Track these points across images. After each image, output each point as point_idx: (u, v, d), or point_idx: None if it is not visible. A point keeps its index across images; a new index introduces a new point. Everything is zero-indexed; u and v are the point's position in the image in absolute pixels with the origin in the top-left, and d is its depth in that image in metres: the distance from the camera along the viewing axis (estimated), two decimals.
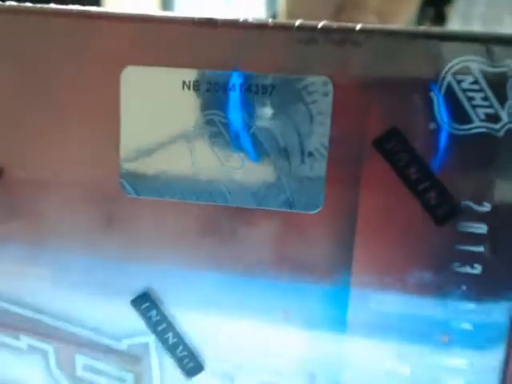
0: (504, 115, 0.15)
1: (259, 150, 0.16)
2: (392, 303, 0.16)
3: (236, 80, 0.16)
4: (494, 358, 0.16)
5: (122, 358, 0.18)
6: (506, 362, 0.16)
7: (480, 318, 0.16)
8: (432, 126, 0.15)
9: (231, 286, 0.17)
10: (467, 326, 0.16)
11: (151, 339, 0.18)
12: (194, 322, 0.17)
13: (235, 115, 0.16)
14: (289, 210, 0.16)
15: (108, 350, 0.18)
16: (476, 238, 0.15)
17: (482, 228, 0.15)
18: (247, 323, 0.17)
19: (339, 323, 0.17)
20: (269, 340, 0.17)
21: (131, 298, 0.18)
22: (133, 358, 0.18)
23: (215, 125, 0.16)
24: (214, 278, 0.17)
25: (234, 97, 0.16)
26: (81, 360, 0.19)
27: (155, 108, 0.16)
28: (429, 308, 0.16)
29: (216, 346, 0.17)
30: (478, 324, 0.16)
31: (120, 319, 0.18)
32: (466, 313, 0.16)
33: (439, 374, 0.16)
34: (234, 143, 0.16)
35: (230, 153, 0.16)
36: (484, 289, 0.15)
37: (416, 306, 0.16)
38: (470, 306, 0.16)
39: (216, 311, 0.17)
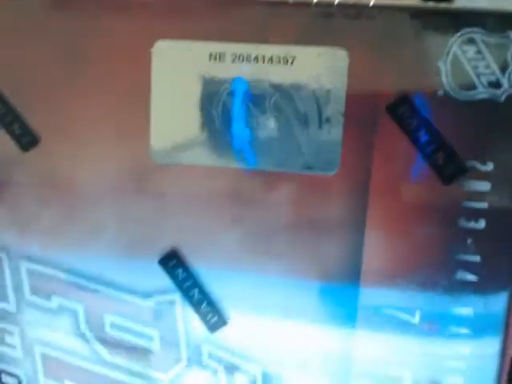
0: (505, 82, 0.16)
1: (280, 117, 0.17)
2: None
3: (259, 51, 0.17)
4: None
5: (149, 315, 0.19)
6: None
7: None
8: (440, 92, 0.16)
9: (253, 245, 0.18)
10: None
11: (177, 297, 0.19)
12: (218, 279, 0.19)
13: (259, 84, 0.17)
14: (307, 173, 0.18)
15: (136, 308, 0.19)
16: (480, 195, 0.17)
17: (485, 186, 0.17)
18: (268, 280, 0.18)
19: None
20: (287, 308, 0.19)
21: (159, 257, 0.19)
22: (159, 316, 0.19)
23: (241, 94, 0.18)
24: (237, 238, 0.18)
25: (258, 68, 0.17)
26: (109, 318, 0.20)
27: (184, 79, 0.18)
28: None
29: (239, 302, 0.19)
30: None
31: (148, 278, 0.19)
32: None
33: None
34: (257, 110, 0.17)
35: (252, 118, 0.18)
36: (488, 243, 0.17)
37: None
38: (476, 258, 0.17)
39: (238, 268, 0.18)
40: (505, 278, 0.17)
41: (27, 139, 0.19)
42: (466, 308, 0.17)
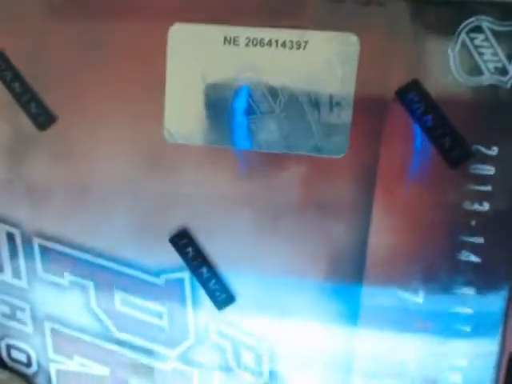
0: (511, 69, 0.17)
1: (291, 100, 0.18)
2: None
3: (272, 36, 0.18)
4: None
5: (159, 292, 0.20)
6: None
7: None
8: (448, 78, 0.17)
9: (262, 225, 0.19)
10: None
11: (186, 275, 0.19)
12: (227, 258, 0.19)
13: (271, 67, 0.18)
14: (317, 155, 0.18)
15: (146, 286, 0.20)
16: (484, 179, 0.17)
17: (490, 170, 0.17)
18: (275, 261, 0.19)
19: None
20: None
21: (170, 236, 0.19)
22: (168, 293, 0.20)
23: (251, 77, 0.18)
24: (247, 218, 0.19)
25: (271, 52, 0.18)
26: (119, 295, 0.20)
27: (199, 62, 0.18)
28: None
29: (246, 280, 0.19)
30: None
31: (159, 256, 0.20)
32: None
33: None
34: (269, 92, 0.18)
35: (264, 102, 0.18)
36: (491, 225, 0.17)
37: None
38: (479, 240, 0.17)
39: (247, 247, 0.19)
40: (508, 259, 0.18)
41: (44, 118, 0.19)
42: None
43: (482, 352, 0.18)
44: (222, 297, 0.19)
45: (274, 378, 0.20)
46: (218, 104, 0.18)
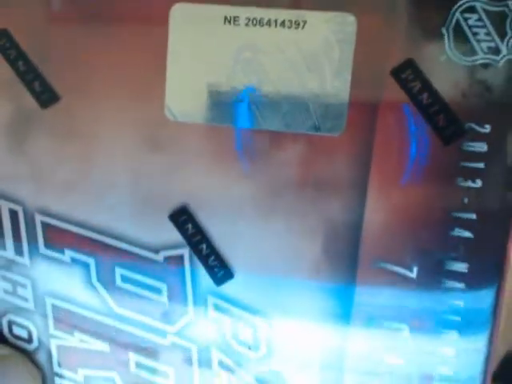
0: (503, 48, 0.17)
1: (290, 80, 0.18)
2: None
3: (271, 15, 0.18)
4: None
5: (159, 269, 0.20)
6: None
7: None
8: (443, 57, 0.17)
9: (260, 201, 0.19)
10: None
11: (186, 251, 0.20)
12: (225, 234, 0.19)
13: (270, 46, 0.18)
14: (315, 134, 0.19)
15: (146, 262, 0.20)
16: (477, 156, 0.18)
17: (482, 147, 0.18)
18: (273, 237, 0.19)
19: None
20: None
21: (170, 213, 0.20)
22: (168, 269, 0.20)
23: (251, 57, 0.18)
24: (245, 195, 0.19)
25: (270, 31, 0.18)
26: (120, 272, 0.21)
27: (199, 41, 0.19)
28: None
29: (245, 255, 0.20)
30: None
31: (159, 233, 0.20)
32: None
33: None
34: (269, 71, 0.18)
35: (264, 82, 0.18)
36: (484, 201, 0.18)
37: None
38: (472, 216, 0.18)
39: (246, 223, 0.19)
40: (499, 235, 0.18)
41: (47, 96, 0.20)
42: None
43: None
44: (221, 273, 0.20)
45: (268, 355, 0.20)
46: (219, 82, 0.19)
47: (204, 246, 0.20)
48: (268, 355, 0.20)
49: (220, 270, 0.20)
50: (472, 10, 0.17)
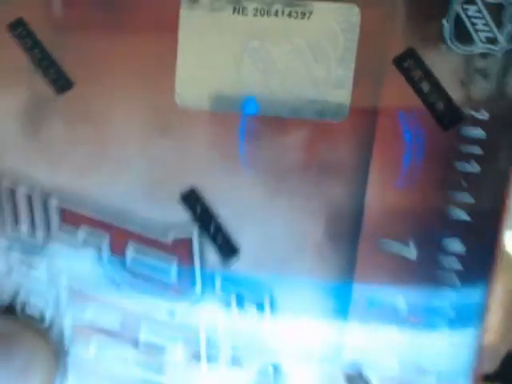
0: (501, 38, 0.18)
1: (296, 69, 0.19)
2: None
3: (278, 6, 0.19)
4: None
5: (168, 250, 0.21)
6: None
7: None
8: (443, 46, 0.18)
9: (265, 184, 0.20)
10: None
11: (194, 232, 0.21)
12: (233, 215, 0.20)
13: (277, 35, 0.19)
14: (319, 119, 0.19)
15: (155, 244, 0.21)
16: (475, 141, 0.18)
17: (480, 133, 0.18)
18: (278, 218, 0.20)
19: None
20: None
21: (180, 194, 0.20)
22: (176, 250, 0.21)
23: (258, 46, 0.19)
24: (251, 177, 0.20)
25: (277, 22, 0.19)
26: (131, 252, 0.21)
27: (209, 31, 0.19)
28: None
29: (251, 236, 0.20)
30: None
31: (168, 215, 0.21)
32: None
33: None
34: (275, 58, 0.19)
35: (271, 70, 0.19)
36: (481, 185, 0.19)
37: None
38: (470, 200, 0.19)
39: (252, 204, 0.20)
40: (496, 218, 0.19)
41: (61, 83, 0.20)
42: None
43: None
44: (228, 252, 0.21)
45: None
46: (227, 71, 0.19)
47: (212, 227, 0.20)
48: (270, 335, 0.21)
49: (227, 249, 0.21)
50: (471, 1, 0.18)
